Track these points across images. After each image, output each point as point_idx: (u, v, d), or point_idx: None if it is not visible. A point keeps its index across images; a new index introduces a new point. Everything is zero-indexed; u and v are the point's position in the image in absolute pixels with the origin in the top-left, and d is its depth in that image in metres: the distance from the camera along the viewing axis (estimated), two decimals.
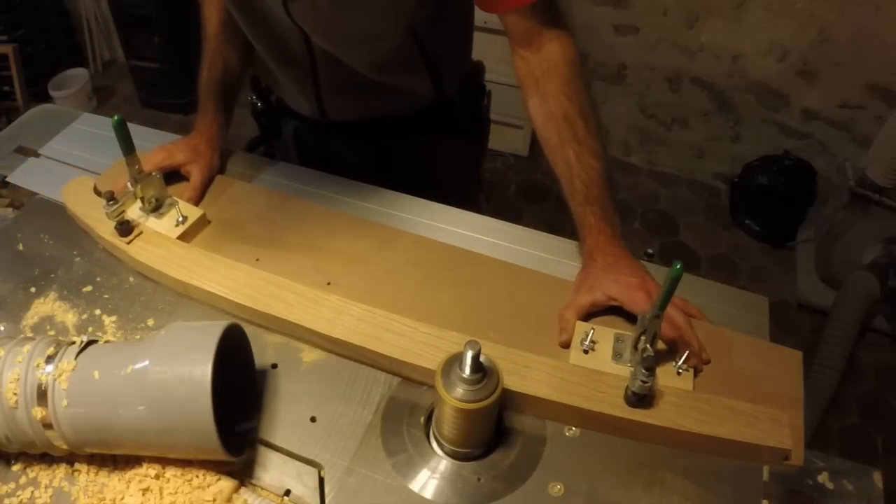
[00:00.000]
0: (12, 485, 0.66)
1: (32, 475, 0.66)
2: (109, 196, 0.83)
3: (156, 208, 0.89)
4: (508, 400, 0.70)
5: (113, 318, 0.81)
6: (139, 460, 0.66)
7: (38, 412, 0.62)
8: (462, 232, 0.93)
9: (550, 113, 0.82)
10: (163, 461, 0.65)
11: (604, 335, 0.75)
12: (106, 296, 0.84)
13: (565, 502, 0.64)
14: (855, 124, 2.21)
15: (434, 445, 0.69)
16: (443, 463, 0.67)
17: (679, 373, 0.71)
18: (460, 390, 0.60)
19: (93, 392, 0.62)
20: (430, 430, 0.69)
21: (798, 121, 2.30)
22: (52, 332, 0.79)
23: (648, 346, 0.67)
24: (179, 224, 0.88)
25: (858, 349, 1.96)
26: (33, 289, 0.84)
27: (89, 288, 0.84)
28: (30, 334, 0.77)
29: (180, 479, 0.64)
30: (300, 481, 0.66)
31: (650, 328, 0.66)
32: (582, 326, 0.76)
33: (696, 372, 0.73)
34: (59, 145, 1.08)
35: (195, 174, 0.95)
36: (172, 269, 0.82)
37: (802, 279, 2.21)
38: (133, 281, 0.86)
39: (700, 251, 2.39)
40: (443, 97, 1.06)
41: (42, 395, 0.62)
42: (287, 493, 0.65)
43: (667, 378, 0.71)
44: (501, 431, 0.70)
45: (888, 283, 1.90)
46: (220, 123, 1.01)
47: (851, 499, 0.66)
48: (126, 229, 0.85)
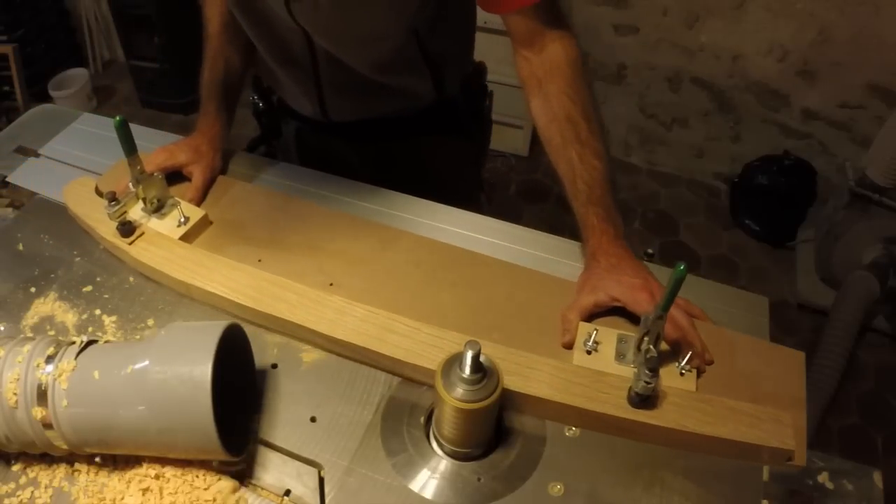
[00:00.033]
0: (12, 485, 0.66)
1: (32, 475, 0.66)
2: (111, 197, 0.83)
3: (158, 209, 0.89)
4: (508, 400, 0.70)
5: (113, 318, 0.81)
6: (139, 460, 0.66)
7: (38, 412, 0.62)
8: (463, 232, 0.93)
9: (553, 114, 0.82)
10: (163, 461, 0.65)
11: (607, 336, 0.75)
12: (106, 296, 0.84)
13: (565, 502, 0.64)
14: (855, 124, 2.21)
15: (434, 445, 0.69)
16: (443, 463, 0.67)
17: (682, 373, 0.71)
18: (460, 390, 0.60)
19: (93, 392, 0.62)
20: (430, 430, 0.69)
21: (798, 121, 2.30)
22: (52, 332, 0.79)
23: (652, 347, 0.66)
24: (181, 225, 0.88)
25: (858, 349, 1.96)
26: (33, 289, 0.84)
27: (89, 288, 0.84)
28: (30, 334, 0.77)
29: (180, 479, 0.64)
30: (300, 481, 0.66)
31: (653, 329, 0.66)
32: (585, 327, 0.76)
33: (699, 372, 0.73)
34: (59, 145, 1.08)
35: (197, 175, 0.95)
36: (174, 270, 0.81)
37: (802, 279, 2.21)
38: (133, 281, 0.86)
39: (700, 251, 2.39)
40: (444, 98, 1.06)
41: (42, 395, 0.62)
42: (287, 493, 0.65)
43: (670, 379, 0.71)
44: (501, 431, 0.70)
45: (888, 283, 1.90)
46: (222, 124, 1.01)
47: (851, 499, 0.66)
48: (128, 230, 0.85)
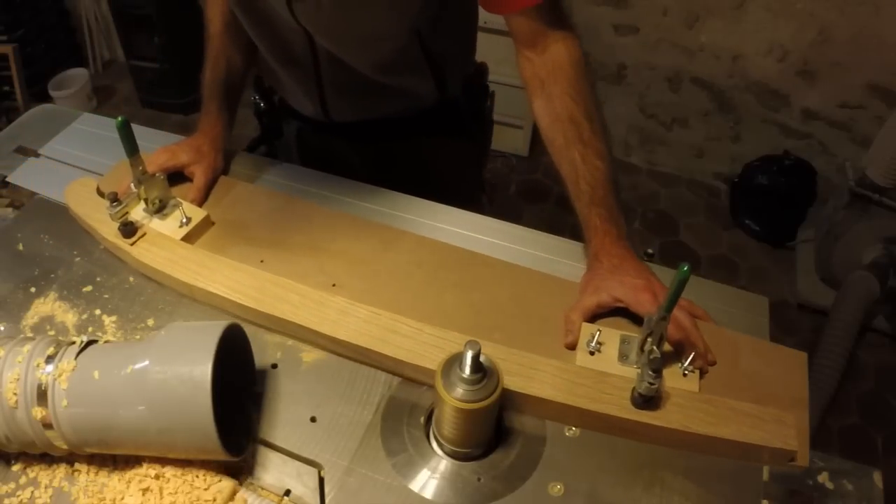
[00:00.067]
0: (12, 485, 0.66)
1: (32, 475, 0.66)
2: (113, 197, 0.82)
3: (159, 209, 0.89)
4: (508, 400, 0.70)
5: (113, 318, 0.81)
6: (139, 460, 0.66)
7: (38, 412, 0.62)
8: (465, 233, 0.93)
9: (556, 114, 0.82)
10: (163, 461, 0.65)
11: (610, 337, 0.75)
12: (106, 296, 0.84)
13: (565, 502, 0.64)
14: (855, 124, 2.21)
15: (434, 445, 0.69)
16: (443, 463, 0.67)
17: (685, 374, 0.71)
18: (460, 390, 0.60)
19: (93, 392, 0.62)
20: (430, 430, 0.69)
21: (798, 121, 2.30)
22: (52, 332, 0.79)
23: (655, 348, 0.66)
24: (183, 225, 0.88)
25: (858, 349, 1.96)
26: (33, 289, 0.84)
27: (89, 288, 0.84)
28: (30, 334, 0.77)
29: (180, 479, 0.64)
30: (300, 481, 0.66)
31: (657, 330, 0.66)
32: (588, 328, 0.76)
33: (702, 373, 0.73)
34: (59, 145, 1.08)
35: (199, 175, 0.95)
36: (177, 271, 0.81)
37: (802, 279, 2.21)
38: (133, 281, 0.86)
39: (700, 251, 2.39)
40: (446, 98, 1.06)
41: (42, 395, 0.62)
42: (287, 493, 0.65)
43: (672, 379, 0.71)
44: (501, 431, 0.70)
45: (888, 283, 1.90)
46: (224, 124, 1.01)
47: (851, 499, 0.66)
48: (130, 231, 0.85)
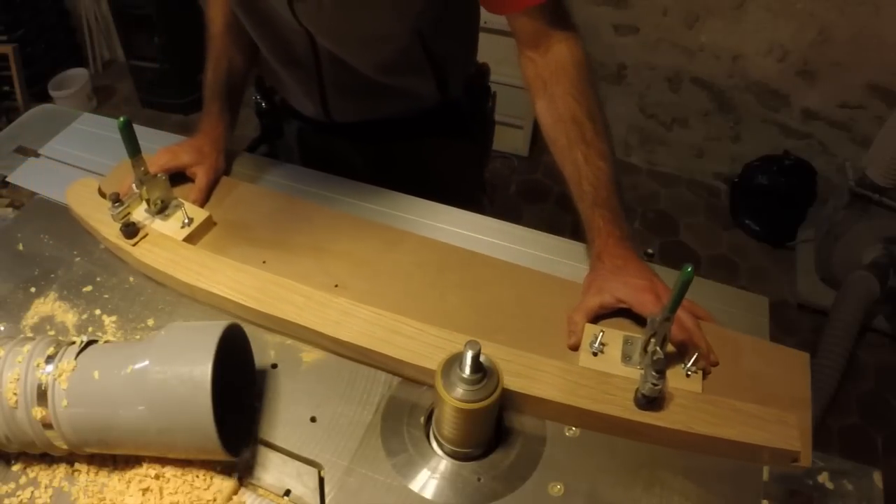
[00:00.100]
0: (12, 485, 0.66)
1: (32, 475, 0.66)
2: (115, 198, 0.82)
3: (161, 210, 0.89)
4: (509, 400, 0.70)
5: (113, 318, 0.81)
6: (139, 460, 0.66)
7: (38, 412, 0.62)
8: (467, 233, 0.93)
9: (558, 115, 0.81)
10: (163, 461, 0.65)
11: (613, 337, 0.75)
12: (106, 296, 0.84)
13: (565, 502, 0.64)
14: (855, 124, 2.21)
15: (434, 445, 0.69)
16: (443, 463, 0.67)
17: (688, 375, 0.71)
18: (460, 390, 0.60)
19: (93, 392, 0.62)
20: (430, 430, 0.69)
21: (798, 121, 2.30)
22: (52, 332, 0.79)
23: (658, 349, 0.66)
24: (185, 226, 0.88)
25: (858, 349, 1.96)
26: (33, 289, 0.84)
27: (89, 288, 0.84)
28: (30, 334, 0.77)
29: (180, 479, 0.64)
30: (300, 481, 0.66)
31: (660, 331, 0.66)
32: (591, 329, 0.75)
33: (705, 374, 0.73)
34: (59, 145, 1.08)
35: (201, 176, 0.95)
36: (179, 272, 0.81)
37: (802, 279, 2.21)
38: (133, 281, 0.86)
39: (700, 251, 2.39)
40: (447, 99, 1.06)
41: (42, 395, 0.62)
42: (287, 493, 0.65)
43: (676, 380, 0.71)
44: (501, 431, 0.70)
45: (888, 283, 1.90)
46: (226, 125, 1.01)
47: (851, 499, 0.66)
48: (132, 231, 0.85)
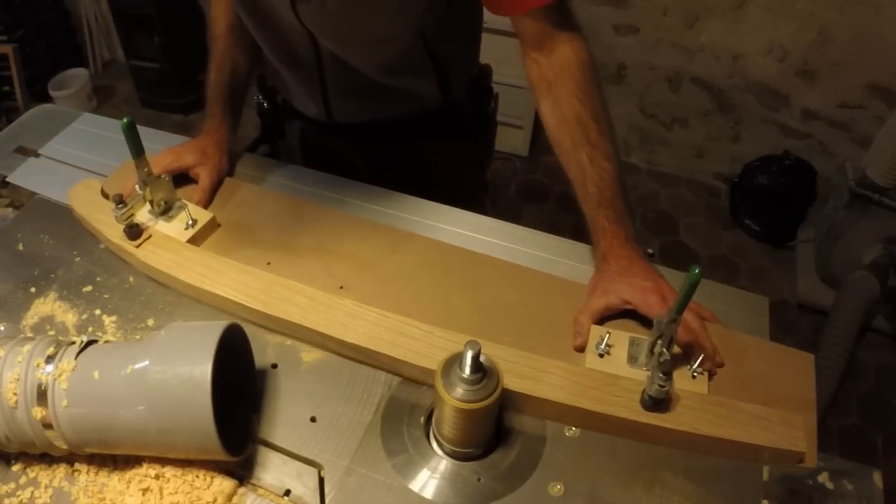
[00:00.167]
0: (12, 485, 0.66)
1: (32, 475, 0.66)
2: (118, 199, 0.82)
3: (165, 211, 0.89)
4: (510, 400, 0.70)
5: (113, 318, 0.81)
6: (139, 460, 0.66)
7: (38, 412, 0.62)
8: (470, 234, 0.93)
9: (563, 116, 0.81)
10: (163, 461, 0.65)
11: (619, 339, 0.75)
12: (106, 296, 0.84)
13: (565, 502, 0.64)
14: (855, 124, 2.21)
15: (434, 445, 0.69)
16: (443, 463, 0.67)
17: (694, 376, 0.71)
18: (460, 390, 0.60)
19: (93, 392, 0.62)
20: (430, 430, 0.69)
21: (798, 121, 2.30)
22: (52, 332, 0.79)
23: (665, 351, 0.66)
24: (189, 227, 0.87)
25: (858, 349, 1.96)
26: (33, 289, 0.84)
27: (89, 288, 0.84)
28: (30, 334, 0.77)
29: (180, 479, 0.64)
30: (300, 481, 0.66)
31: (667, 332, 0.66)
32: (597, 330, 0.75)
33: (710, 375, 0.73)
34: (59, 145, 1.08)
35: (204, 177, 0.95)
36: (183, 274, 0.81)
37: (802, 279, 2.21)
38: (133, 281, 0.86)
39: (700, 251, 2.39)
40: (450, 100, 1.06)
41: (42, 395, 0.62)
42: (287, 493, 0.65)
43: (682, 381, 0.71)
44: (501, 431, 0.70)
45: (888, 283, 1.90)
46: (229, 126, 1.01)
47: (851, 499, 0.66)
48: (135, 233, 0.84)
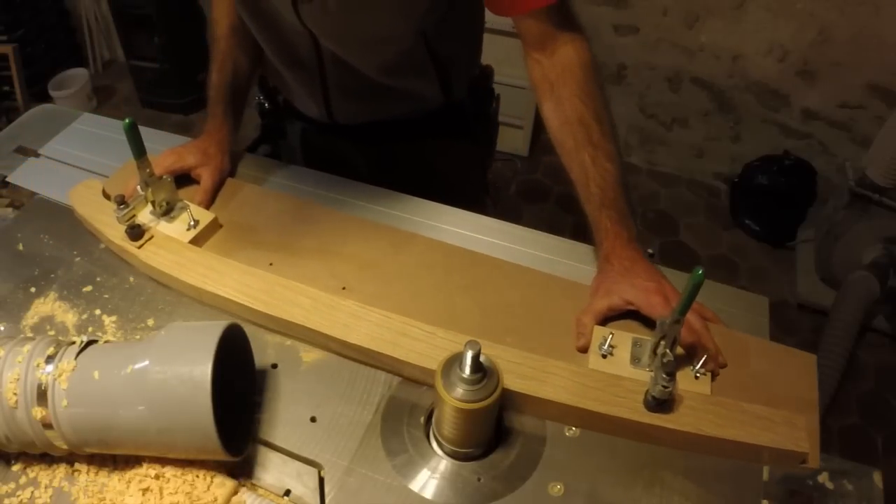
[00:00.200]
0: (12, 485, 0.66)
1: (32, 475, 0.66)
2: (120, 200, 0.82)
3: (167, 212, 0.88)
4: (509, 400, 0.70)
5: (113, 318, 0.81)
6: (139, 460, 0.66)
7: (38, 412, 0.62)
8: (472, 235, 0.93)
9: (565, 117, 0.81)
10: (163, 461, 0.65)
11: (622, 340, 0.75)
12: (106, 296, 0.84)
13: (565, 502, 0.64)
14: (855, 124, 2.21)
15: (434, 445, 0.69)
16: (443, 463, 0.67)
17: (696, 377, 0.71)
18: (460, 390, 0.60)
19: (93, 392, 0.62)
20: (430, 430, 0.69)
21: (798, 121, 2.30)
22: (52, 332, 0.79)
23: (668, 351, 0.66)
24: (191, 228, 0.87)
25: (858, 349, 1.96)
26: (33, 289, 0.84)
27: (89, 288, 0.84)
28: (30, 334, 0.77)
29: (180, 479, 0.64)
30: (300, 481, 0.66)
31: (670, 333, 0.66)
32: (600, 331, 0.75)
33: (713, 376, 0.73)
34: (59, 145, 1.08)
35: (206, 177, 0.95)
36: (186, 275, 0.81)
37: (802, 279, 2.21)
38: (133, 281, 0.86)
39: (700, 251, 2.39)
40: (451, 101, 1.06)
41: (42, 395, 0.62)
42: (287, 493, 0.65)
43: (685, 382, 0.71)
44: (501, 431, 0.70)
45: (888, 283, 1.90)
46: (230, 126, 1.01)
47: (851, 499, 0.66)
48: (137, 233, 0.84)
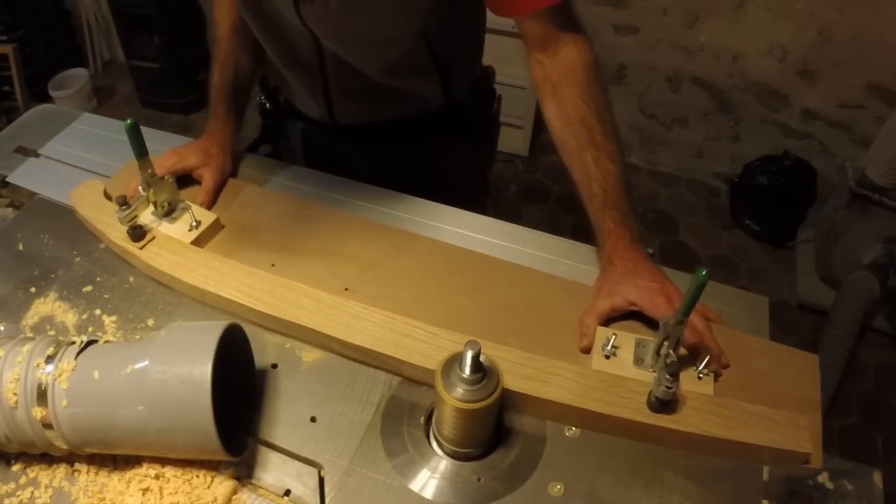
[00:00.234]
0: (12, 485, 0.66)
1: (32, 475, 0.66)
2: (122, 200, 0.81)
3: (168, 213, 0.88)
4: (509, 400, 0.70)
5: (113, 318, 0.81)
6: (139, 460, 0.66)
7: (38, 412, 0.62)
8: (473, 235, 0.93)
9: (567, 117, 0.81)
10: (163, 461, 0.65)
11: (625, 340, 0.74)
12: (106, 296, 0.84)
13: (565, 502, 0.64)
14: (855, 124, 2.21)
15: (434, 445, 0.69)
16: (443, 463, 0.67)
17: (699, 377, 0.71)
18: (460, 390, 0.60)
19: (93, 392, 0.62)
20: (430, 430, 0.69)
21: (798, 121, 2.30)
22: (52, 332, 0.79)
23: (672, 352, 0.66)
24: (193, 229, 0.87)
25: (858, 349, 1.96)
26: (33, 289, 0.84)
27: (89, 288, 0.84)
28: (30, 334, 0.77)
29: (180, 479, 0.64)
30: (300, 481, 0.66)
31: (673, 334, 0.66)
32: (603, 332, 0.75)
33: (716, 376, 0.73)
34: (59, 145, 1.08)
35: (207, 178, 0.95)
36: (187, 275, 0.80)
37: (802, 279, 2.21)
38: (133, 281, 0.86)
39: (700, 251, 2.39)
40: (452, 101, 1.06)
41: (42, 395, 0.62)
42: (287, 493, 0.65)
43: (687, 383, 0.71)
44: (501, 431, 0.70)
45: (888, 283, 1.90)
46: (232, 127, 1.01)
47: (851, 499, 0.66)
48: (139, 234, 0.84)
